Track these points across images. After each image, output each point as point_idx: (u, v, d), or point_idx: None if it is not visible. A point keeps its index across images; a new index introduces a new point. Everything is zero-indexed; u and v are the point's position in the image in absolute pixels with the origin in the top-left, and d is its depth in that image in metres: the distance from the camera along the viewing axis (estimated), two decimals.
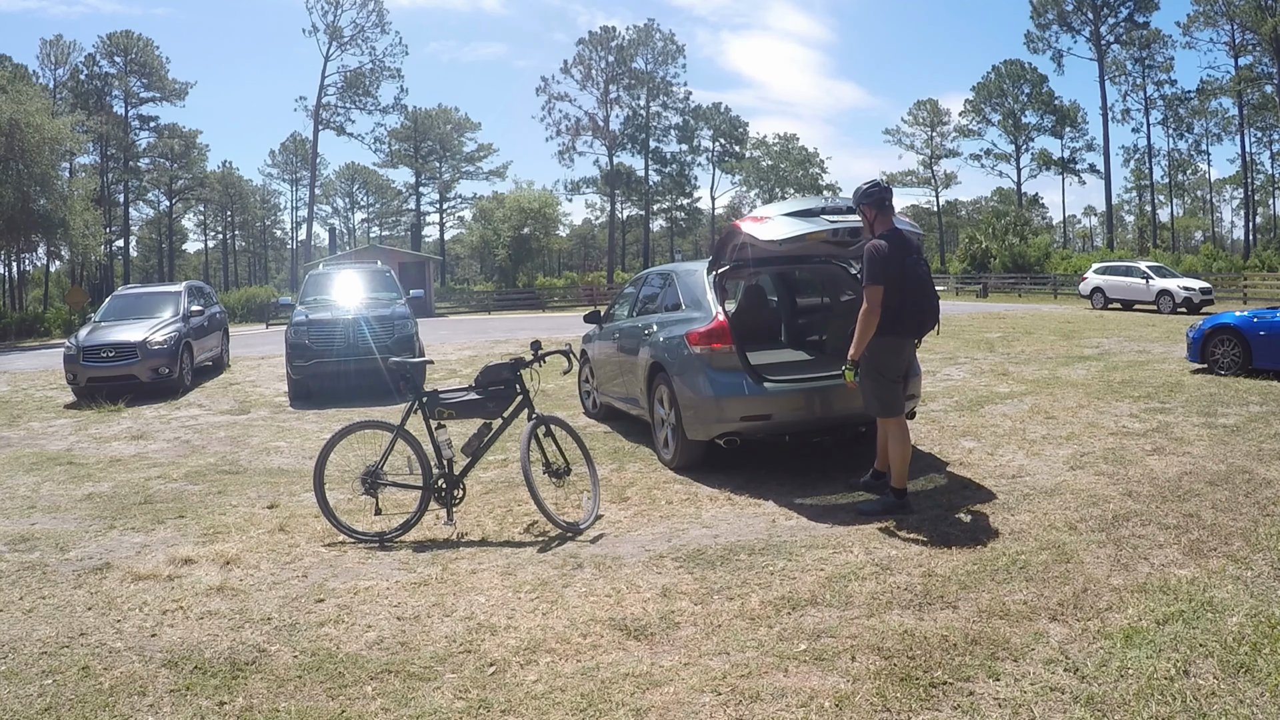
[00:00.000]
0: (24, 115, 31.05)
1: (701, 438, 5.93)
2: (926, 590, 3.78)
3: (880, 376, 4.91)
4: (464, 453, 5.05)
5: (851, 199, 5.25)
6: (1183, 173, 69.69)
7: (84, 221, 35.15)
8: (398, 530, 4.85)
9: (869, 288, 4.77)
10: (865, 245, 4.92)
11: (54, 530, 5.24)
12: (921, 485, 5.60)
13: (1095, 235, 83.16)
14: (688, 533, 4.80)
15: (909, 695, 2.86)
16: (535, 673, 3.15)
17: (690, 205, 69.40)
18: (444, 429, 5.03)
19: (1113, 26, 59.92)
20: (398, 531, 4.85)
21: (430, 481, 4.94)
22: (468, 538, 4.87)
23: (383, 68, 60.72)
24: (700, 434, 5.91)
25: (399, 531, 4.85)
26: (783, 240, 5.56)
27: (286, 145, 73.09)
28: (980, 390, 9.43)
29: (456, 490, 5.01)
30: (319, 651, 3.38)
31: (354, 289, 12.57)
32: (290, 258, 76.32)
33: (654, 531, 4.79)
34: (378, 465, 5.03)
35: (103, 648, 3.47)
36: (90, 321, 13.06)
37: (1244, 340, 9.64)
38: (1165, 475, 5.54)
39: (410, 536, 4.85)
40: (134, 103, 60.75)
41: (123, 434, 8.88)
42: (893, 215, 5.03)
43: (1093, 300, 27.44)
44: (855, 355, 4.85)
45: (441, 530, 4.97)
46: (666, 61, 63.36)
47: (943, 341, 15.16)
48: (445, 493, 4.97)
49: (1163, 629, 3.27)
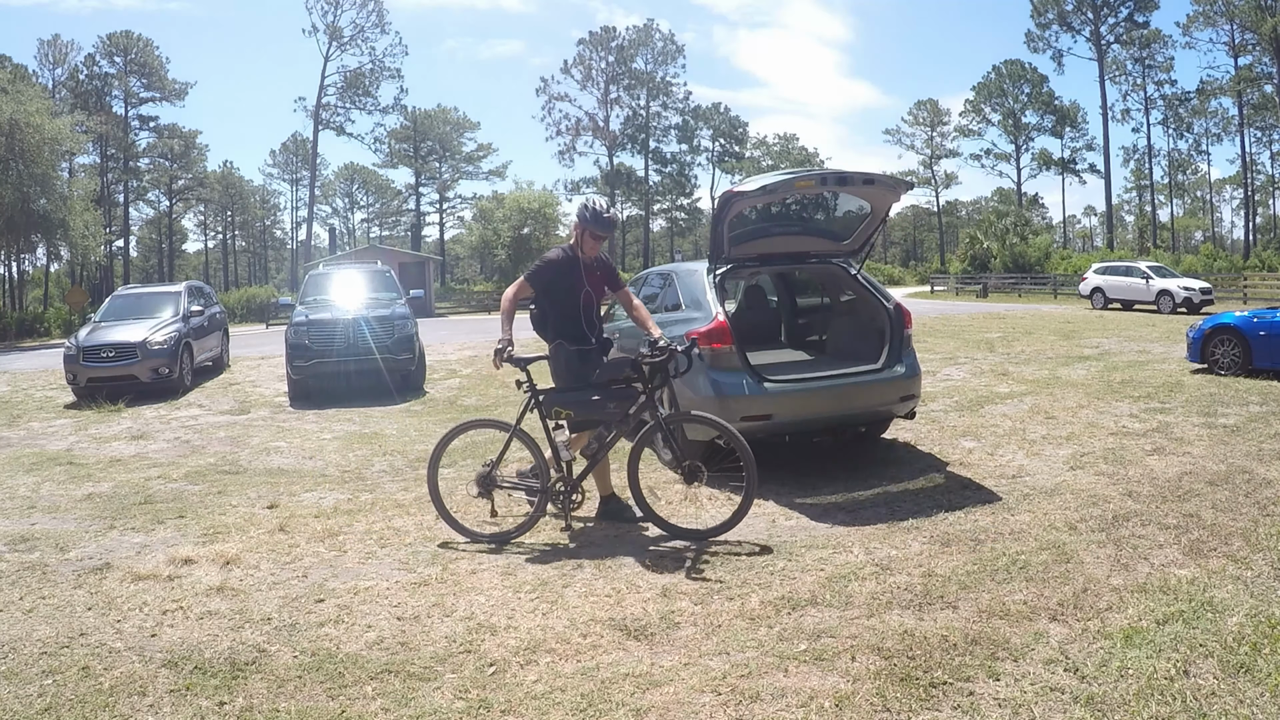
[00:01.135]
0: (24, 115, 31.04)
1: (701, 438, 5.93)
2: (926, 590, 3.78)
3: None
4: (583, 454, 4.86)
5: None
6: (1183, 173, 69.74)
7: (84, 222, 35.12)
8: (515, 532, 4.72)
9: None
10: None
11: (54, 530, 5.24)
12: (921, 485, 5.60)
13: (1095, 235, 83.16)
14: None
15: (909, 695, 2.86)
16: (535, 673, 3.15)
17: (690, 205, 69.54)
18: (561, 429, 4.79)
19: (1113, 26, 60.00)
20: (514, 533, 4.72)
21: (548, 484, 4.76)
22: (574, 544, 4.70)
23: (383, 68, 60.88)
24: (700, 434, 5.91)
25: (515, 533, 4.72)
26: (768, 186, 5.61)
27: (286, 145, 73.14)
28: (980, 390, 9.43)
29: (575, 494, 4.81)
30: (319, 651, 3.38)
31: (354, 289, 12.57)
32: (290, 258, 76.32)
33: (654, 531, 4.79)
34: (493, 466, 4.85)
35: (103, 648, 3.47)
36: (90, 321, 13.06)
37: (1244, 340, 9.64)
38: (1165, 475, 5.54)
39: (526, 539, 4.74)
40: (134, 103, 60.83)
41: (123, 434, 8.88)
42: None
43: (1093, 300, 27.44)
44: None
45: (552, 533, 4.85)
46: (666, 61, 63.51)
47: (943, 342, 15.16)
48: (564, 496, 4.79)
49: (1163, 629, 3.26)
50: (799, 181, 5.71)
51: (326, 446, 7.85)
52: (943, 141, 71.05)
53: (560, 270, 4.91)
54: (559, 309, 5.01)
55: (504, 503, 5.08)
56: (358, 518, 5.28)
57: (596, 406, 4.76)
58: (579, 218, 4.87)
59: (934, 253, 77.67)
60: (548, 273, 4.91)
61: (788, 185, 5.69)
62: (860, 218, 6.48)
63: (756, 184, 5.66)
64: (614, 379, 4.78)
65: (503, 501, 5.04)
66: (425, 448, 7.58)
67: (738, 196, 5.71)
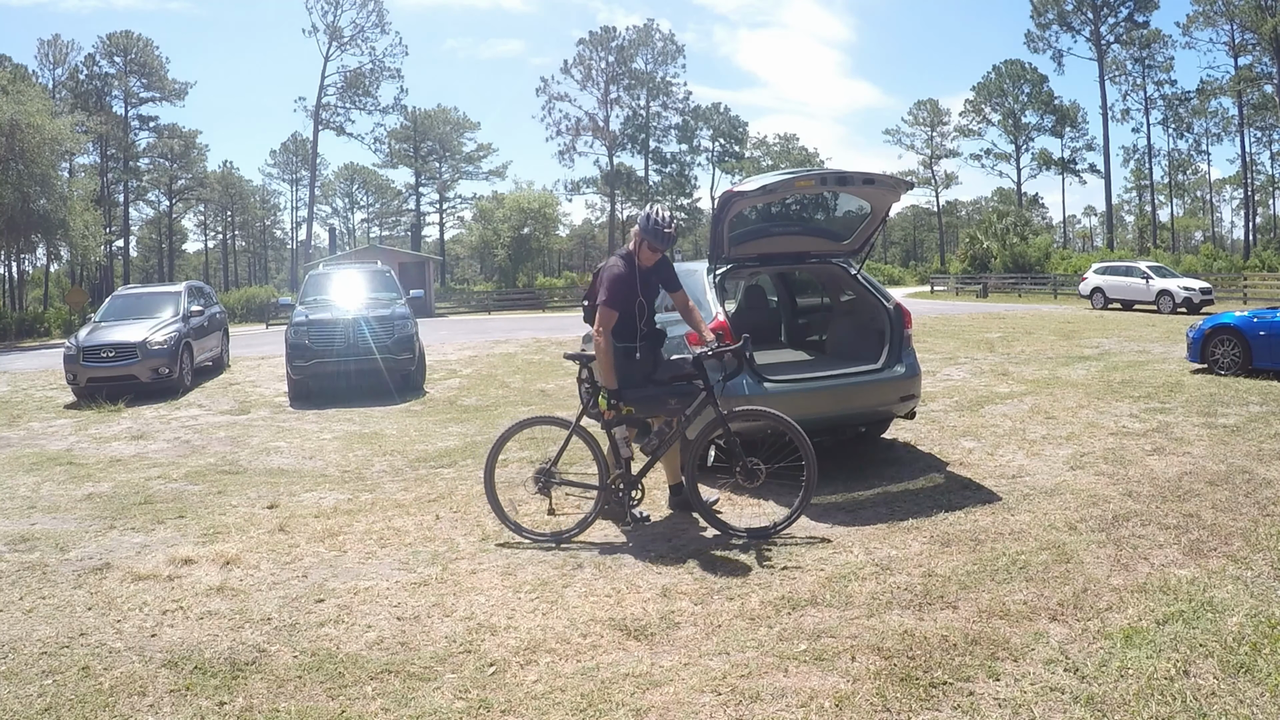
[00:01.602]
0: (24, 115, 31.02)
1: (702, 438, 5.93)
2: (926, 590, 3.78)
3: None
4: (643, 451, 4.81)
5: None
6: (1183, 173, 69.73)
7: (84, 222, 35.11)
8: (573, 530, 4.69)
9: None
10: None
11: (54, 530, 5.24)
12: (921, 485, 5.61)
13: (1095, 235, 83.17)
14: (687, 533, 4.80)
15: (909, 695, 2.86)
16: (535, 673, 3.15)
17: (690, 205, 69.44)
18: (622, 426, 4.75)
19: (1113, 26, 59.98)
20: (573, 532, 4.69)
21: (607, 481, 4.74)
22: (630, 541, 4.70)
23: (382, 68, 60.80)
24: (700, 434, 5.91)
25: (574, 532, 4.69)
26: (768, 186, 5.61)
27: (286, 145, 73.09)
28: (980, 390, 9.43)
29: (635, 491, 4.80)
30: (319, 651, 3.38)
31: (354, 289, 12.57)
32: (290, 258, 76.30)
33: (654, 531, 4.79)
34: (551, 463, 4.81)
35: (103, 648, 3.47)
36: (90, 321, 13.06)
37: (1244, 340, 9.64)
38: (1165, 475, 5.54)
39: (584, 537, 4.71)
40: (134, 103, 60.76)
41: (123, 434, 8.88)
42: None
43: (1093, 300, 27.44)
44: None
45: (610, 530, 4.84)
46: (666, 61, 63.45)
47: (943, 342, 15.17)
48: (624, 493, 4.75)
49: (1163, 629, 3.27)
50: (799, 181, 5.72)
51: (326, 446, 7.85)
52: (943, 141, 71.09)
53: (629, 283, 4.86)
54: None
55: (559, 501, 5.06)
56: (358, 518, 5.29)
57: (658, 402, 4.76)
58: (640, 227, 4.78)
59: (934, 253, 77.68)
60: (623, 290, 4.80)
61: (788, 185, 5.70)
62: (860, 217, 6.48)
63: (756, 184, 5.66)
64: (675, 376, 4.80)
65: (558, 499, 5.01)
66: (425, 448, 7.58)
67: (738, 196, 5.71)
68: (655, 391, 4.77)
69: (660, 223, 4.71)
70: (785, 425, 4.66)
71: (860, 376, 5.93)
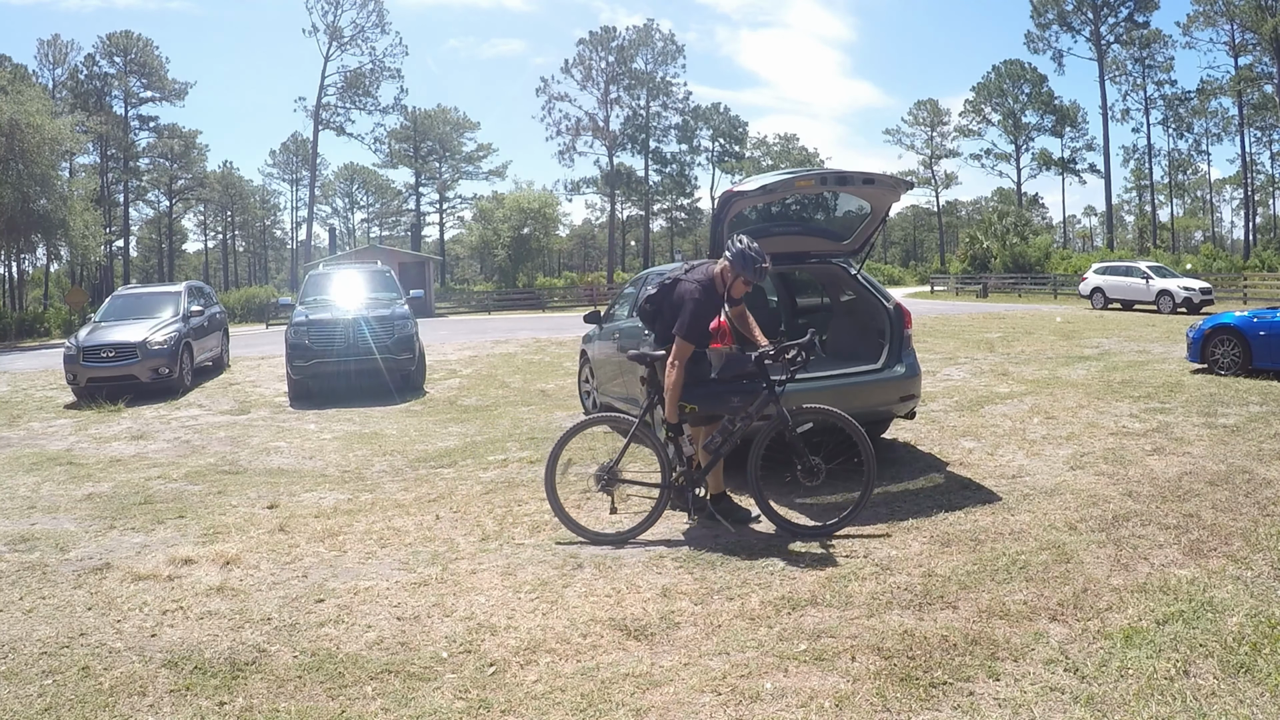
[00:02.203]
0: (24, 115, 31.01)
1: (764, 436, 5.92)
2: (926, 590, 3.78)
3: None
4: (705, 450, 4.79)
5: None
6: (1183, 173, 69.74)
7: (84, 222, 35.11)
8: (636, 529, 4.68)
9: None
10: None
11: (54, 530, 5.24)
12: (921, 485, 5.61)
13: (1095, 235, 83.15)
14: (688, 533, 4.80)
15: (909, 695, 2.86)
16: (535, 673, 3.15)
17: (690, 205, 69.47)
18: (684, 425, 4.73)
19: (1113, 26, 59.96)
20: (636, 531, 4.68)
21: (669, 479, 4.73)
22: (688, 542, 4.67)
23: (383, 68, 60.71)
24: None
25: (637, 530, 4.68)
26: (768, 186, 5.60)
27: (286, 145, 73.05)
28: (980, 390, 9.43)
29: (697, 489, 4.78)
30: (319, 651, 3.38)
31: (354, 289, 12.58)
32: (290, 258, 76.29)
33: (654, 531, 4.79)
34: (614, 462, 4.80)
35: (103, 648, 3.47)
36: (90, 321, 13.06)
37: (1244, 340, 9.64)
38: (1165, 475, 5.54)
39: (647, 536, 4.69)
40: (134, 103, 60.73)
41: (123, 434, 8.88)
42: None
43: (1093, 300, 27.44)
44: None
45: (661, 529, 4.82)
46: (666, 61, 63.33)
47: (943, 342, 15.17)
48: (687, 491, 4.72)
49: (1163, 629, 3.27)
50: (799, 181, 5.72)
51: (326, 446, 7.85)
52: (943, 141, 71.06)
53: (711, 317, 4.84)
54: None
55: (620, 500, 4.99)
56: (358, 518, 5.29)
57: (721, 401, 4.74)
58: (733, 263, 4.69)
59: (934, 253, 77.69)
60: (705, 324, 4.79)
61: (788, 185, 5.69)
62: (860, 217, 6.48)
63: (756, 183, 5.66)
64: (738, 374, 4.76)
65: (619, 498, 4.95)
66: (425, 448, 7.58)
67: (738, 196, 5.71)
68: (718, 389, 4.75)
69: (757, 260, 4.65)
70: (846, 423, 4.72)
71: (860, 376, 5.93)
